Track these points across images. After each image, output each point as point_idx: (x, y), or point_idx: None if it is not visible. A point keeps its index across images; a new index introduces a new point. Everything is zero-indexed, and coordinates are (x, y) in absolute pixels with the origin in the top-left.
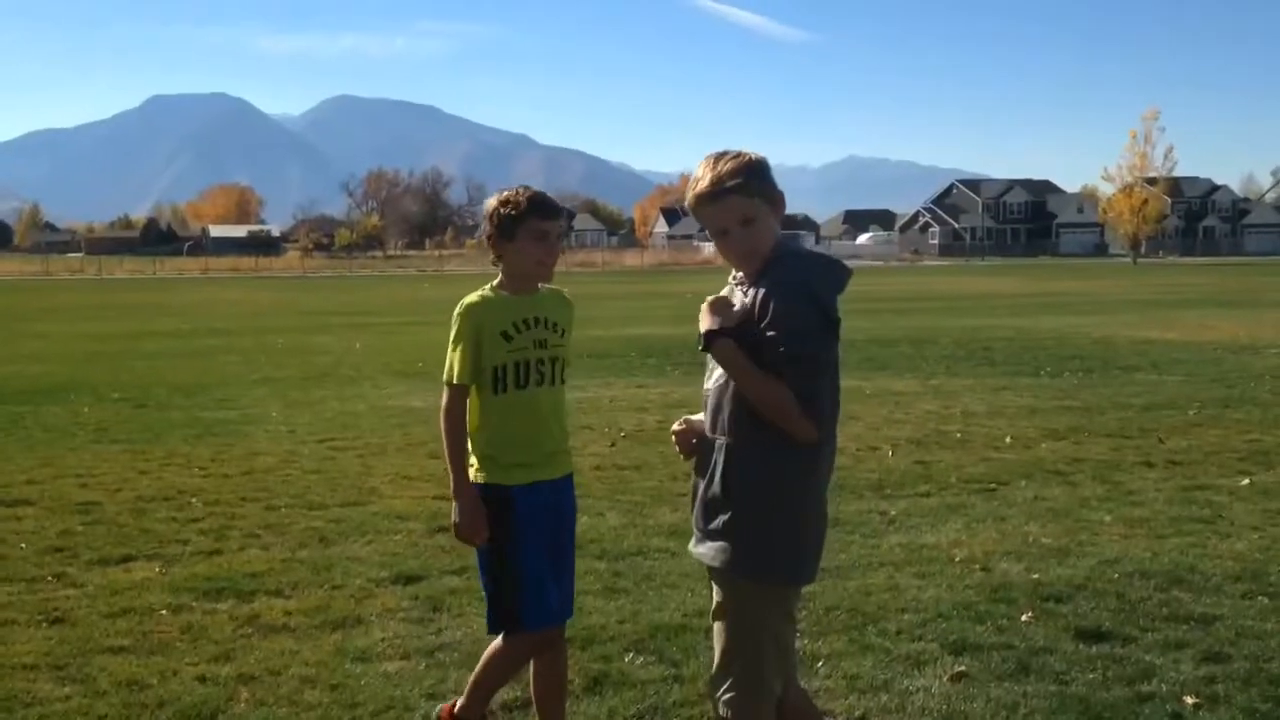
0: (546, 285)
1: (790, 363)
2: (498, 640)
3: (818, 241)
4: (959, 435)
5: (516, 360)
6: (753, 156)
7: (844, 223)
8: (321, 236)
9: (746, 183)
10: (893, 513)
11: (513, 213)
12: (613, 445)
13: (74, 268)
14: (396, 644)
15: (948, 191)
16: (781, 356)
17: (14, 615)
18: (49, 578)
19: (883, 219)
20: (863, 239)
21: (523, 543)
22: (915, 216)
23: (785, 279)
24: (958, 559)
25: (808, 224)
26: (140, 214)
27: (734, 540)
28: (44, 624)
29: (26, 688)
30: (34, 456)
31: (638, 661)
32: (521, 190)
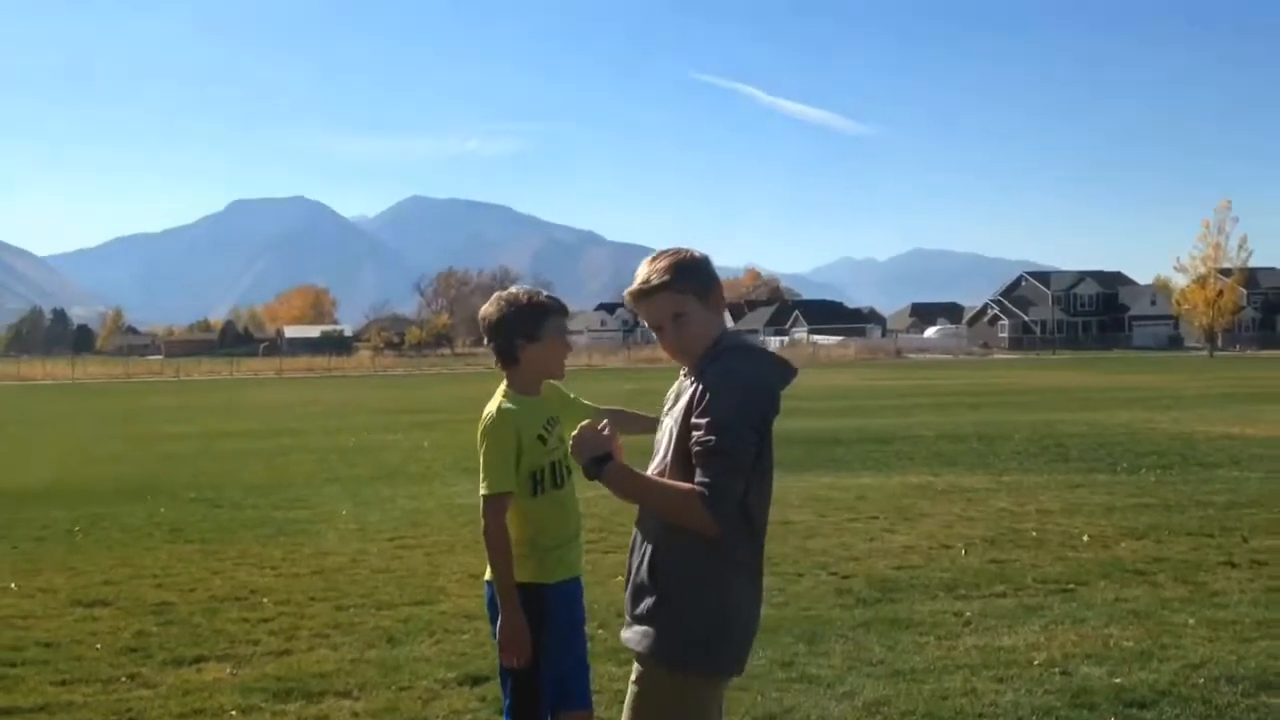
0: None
1: (707, 454)
2: None
3: (884, 334)
4: (1034, 534)
5: (551, 461)
6: (686, 254)
7: (911, 315)
8: (393, 335)
9: (674, 280)
10: (968, 614)
11: (530, 315)
12: None
13: (153, 370)
14: None
15: (1016, 283)
16: (700, 448)
17: (90, 716)
18: (123, 678)
19: (950, 312)
20: (930, 332)
21: (551, 639)
22: (984, 309)
23: (720, 372)
24: (1036, 662)
25: (874, 317)
26: (219, 316)
27: (656, 626)
28: None
29: None
30: (112, 557)
31: None
32: (528, 291)
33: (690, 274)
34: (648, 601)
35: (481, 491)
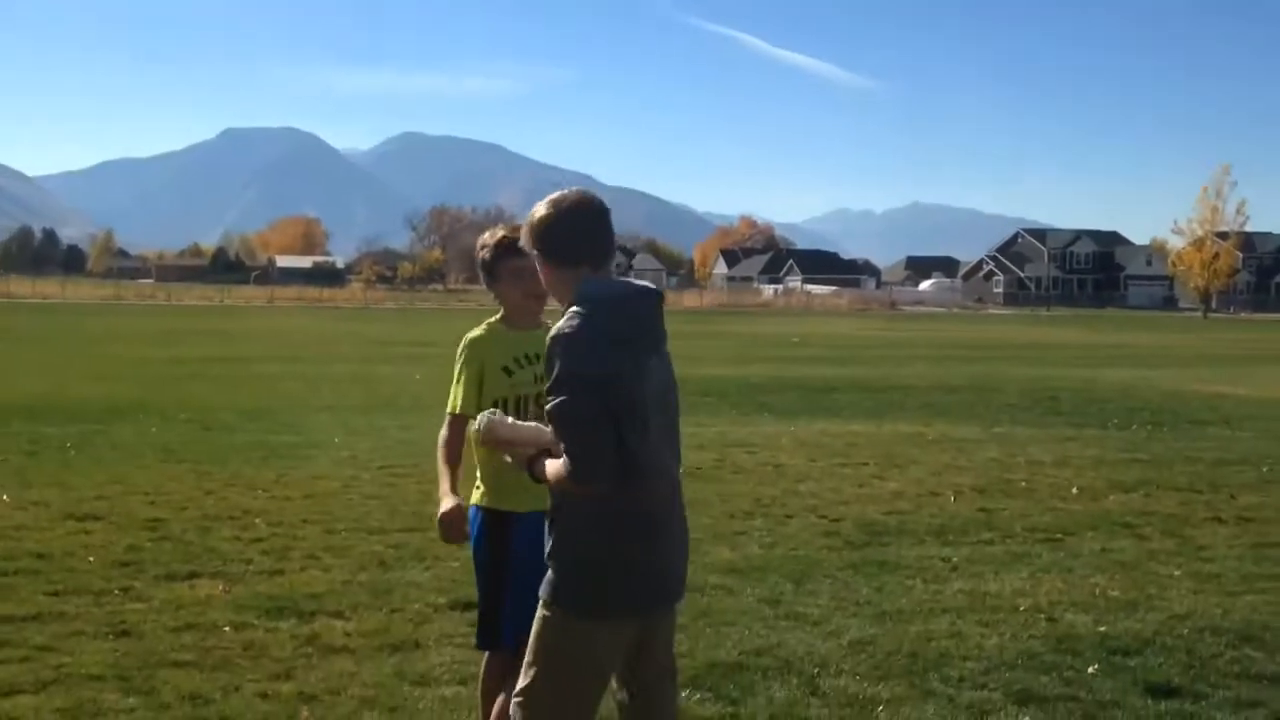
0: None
1: (551, 420)
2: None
3: (878, 286)
4: (1024, 484)
5: (517, 395)
6: (533, 216)
7: (906, 269)
8: (384, 269)
9: (531, 243)
10: (955, 559)
11: (487, 256)
12: None
13: (145, 293)
14: (454, 669)
15: (1013, 240)
16: (547, 415)
17: (82, 627)
18: (116, 591)
19: (946, 266)
20: (925, 285)
21: (517, 563)
22: (979, 264)
23: (553, 332)
24: (1022, 608)
25: (869, 269)
26: (210, 243)
27: (550, 570)
28: (111, 636)
29: (93, 697)
30: (104, 473)
31: (694, 698)
32: (495, 231)
33: (535, 235)
34: (547, 547)
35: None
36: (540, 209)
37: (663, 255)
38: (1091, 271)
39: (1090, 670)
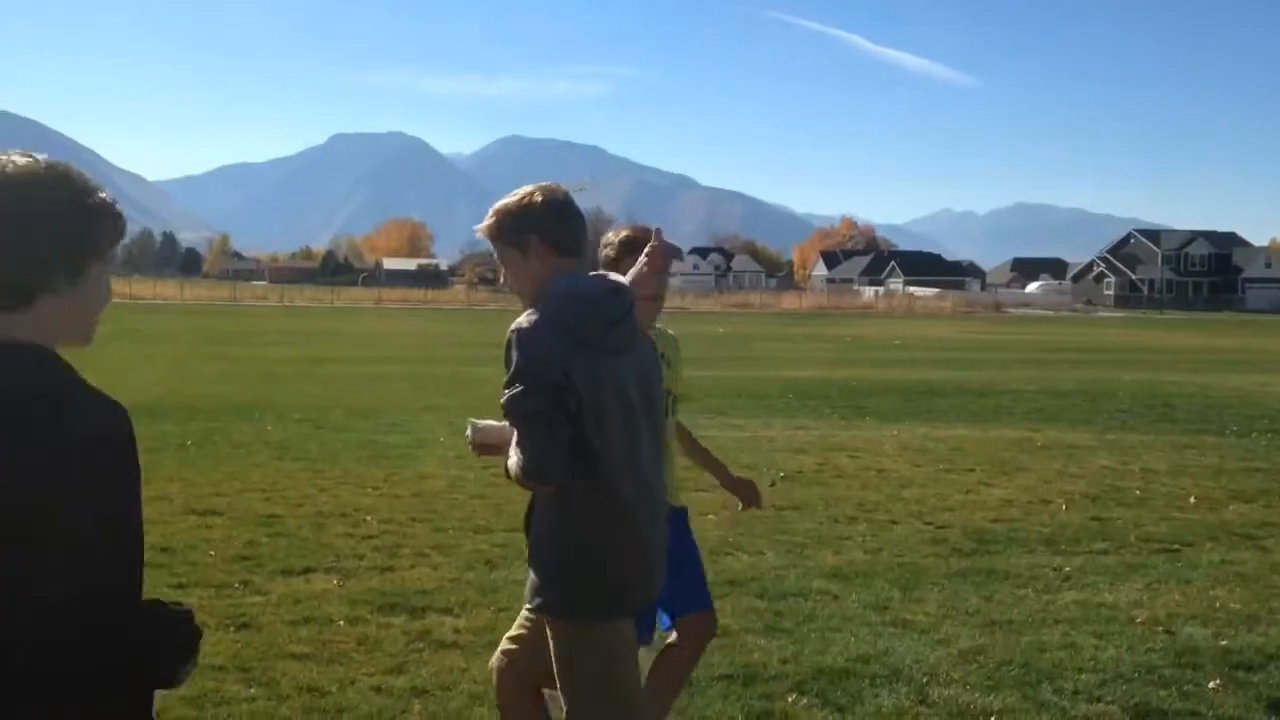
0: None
1: (504, 414)
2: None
3: (983, 288)
4: (1138, 493)
5: None
6: (510, 199)
7: (1012, 270)
8: (486, 271)
9: (495, 225)
10: (1067, 569)
11: (610, 254)
12: (771, 485)
13: (258, 295)
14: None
15: (1124, 241)
16: (501, 409)
17: (205, 619)
18: (236, 584)
19: (1053, 267)
20: (1032, 287)
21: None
22: (1089, 266)
23: (514, 325)
24: (1139, 620)
25: (973, 270)
26: (320, 245)
27: (532, 574)
28: (232, 628)
29: (216, 687)
30: (222, 470)
31: (801, 703)
32: (619, 230)
33: (508, 219)
34: (529, 553)
35: None
36: (537, 194)
37: (761, 257)
38: (1207, 274)
39: (1211, 685)
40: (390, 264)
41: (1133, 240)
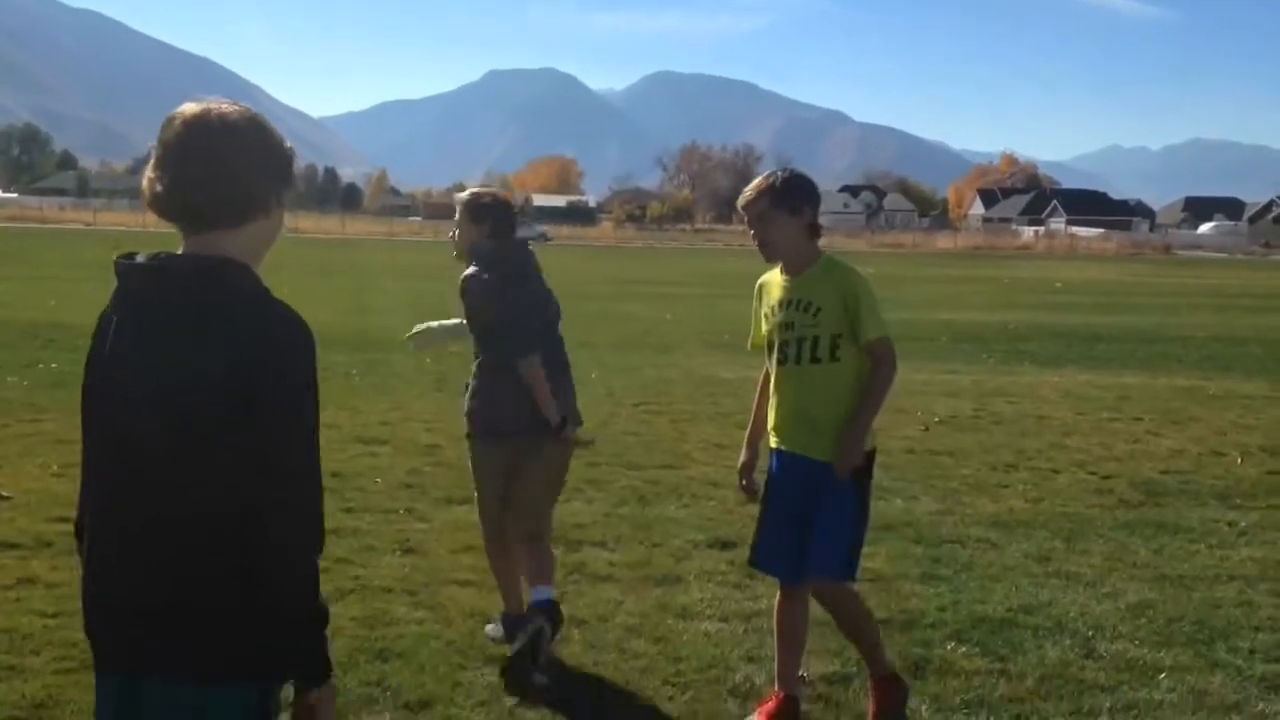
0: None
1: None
2: (839, 599)
3: (1152, 229)
4: None
5: (770, 340)
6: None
7: (1184, 210)
8: (634, 208)
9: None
10: (1243, 524)
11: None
12: (925, 429)
13: (414, 230)
14: (716, 605)
15: None
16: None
17: (374, 543)
18: (402, 511)
19: (1228, 208)
20: (1205, 228)
21: (774, 495)
22: (1269, 206)
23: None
24: None
25: (1142, 210)
26: (473, 181)
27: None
28: (399, 553)
29: (385, 609)
30: (387, 400)
31: (960, 651)
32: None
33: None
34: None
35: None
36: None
37: (914, 195)
38: None
39: None
40: (540, 200)
41: None
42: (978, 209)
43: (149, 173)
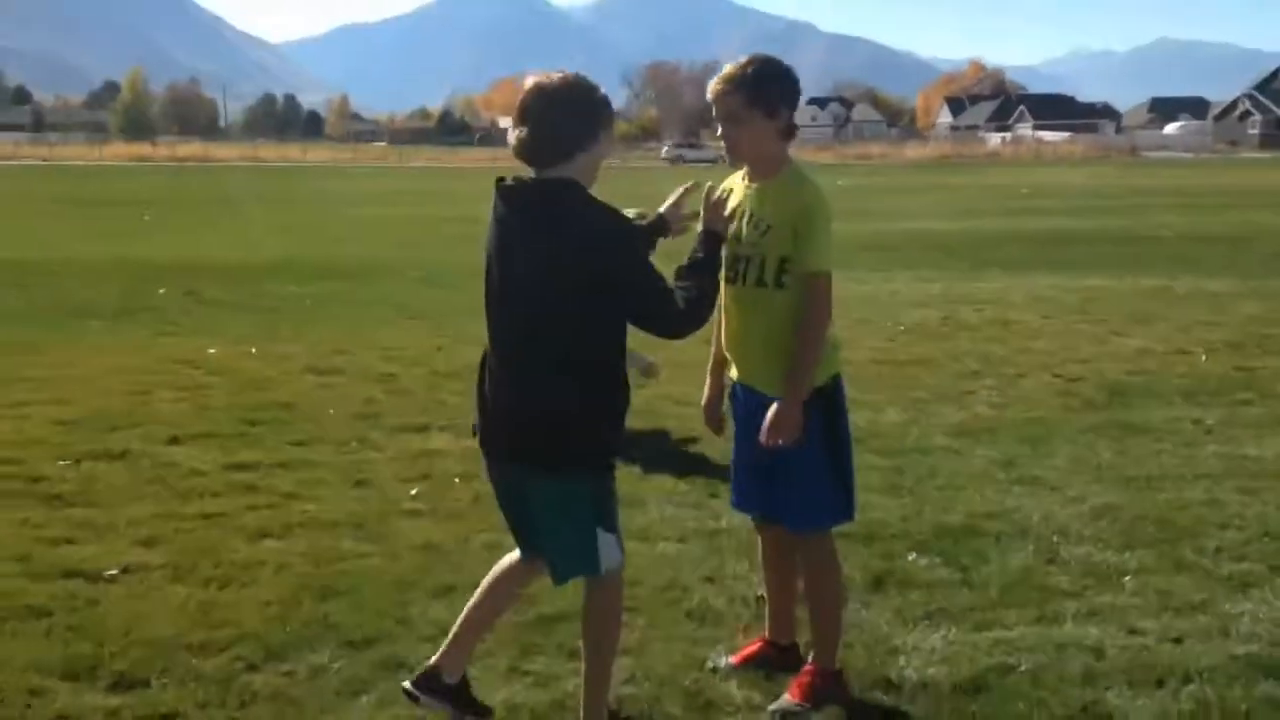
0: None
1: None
2: (815, 563)
3: (1118, 132)
4: None
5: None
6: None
7: (1149, 111)
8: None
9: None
10: (1209, 421)
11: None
12: (892, 340)
13: (378, 155)
14: (674, 525)
15: (1274, 76)
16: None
17: (324, 475)
18: (354, 441)
19: (1194, 107)
20: (1170, 128)
21: (739, 431)
22: (1234, 104)
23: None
24: None
25: (1108, 113)
26: (436, 105)
27: None
28: (350, 485)
29: (332, 545)
30: (342, 329)
31: (922, 562)
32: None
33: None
34: None
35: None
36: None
37: (883, 105)
38: None
39: None
40: (506, 122)
41: None
42: (945, 117)
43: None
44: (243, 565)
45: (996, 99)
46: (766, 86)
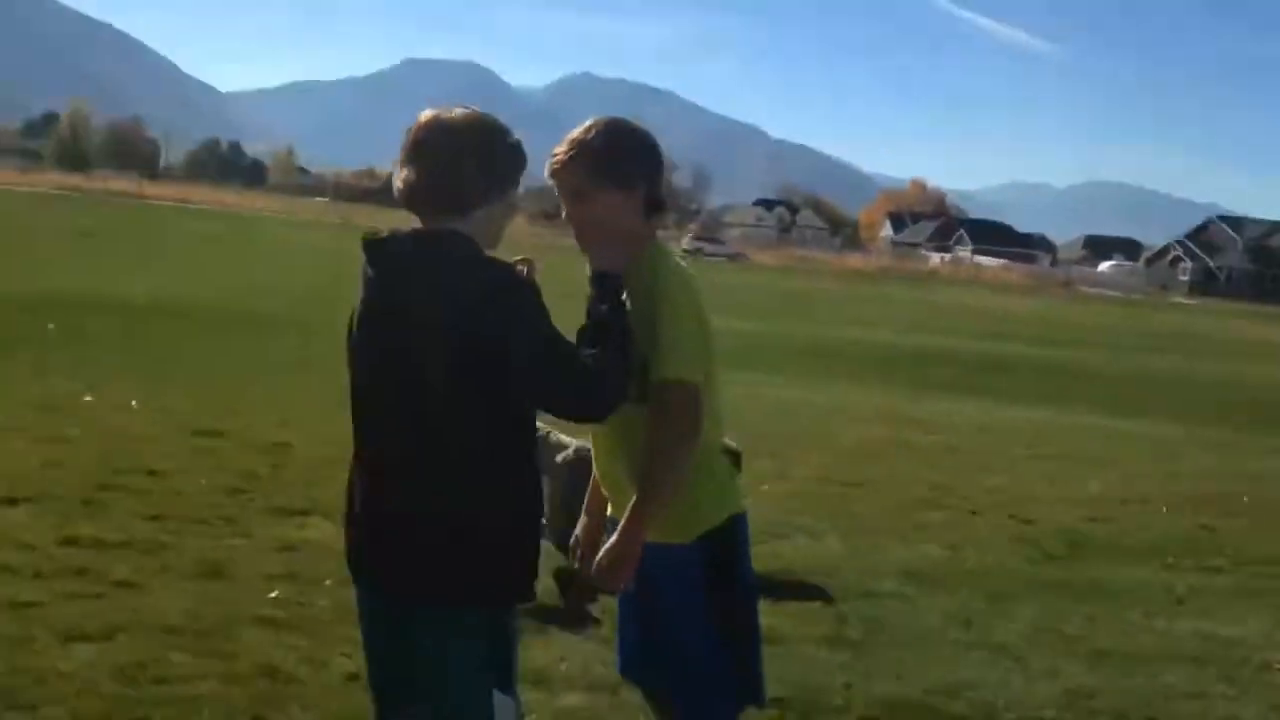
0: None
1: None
2: None
3: (1054, 264)
4: (1246, 500)
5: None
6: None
7: (1084, 248)
8: (549, 207)
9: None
10: (1179, 589)
11: None
12: (834, 458)
13: (318, 210)
14: (582, 668)
15: (1204, 227)
16: None
17: (172, 561)
18: (219, 521)
19: (1127, 248)
20: (1104, 266)
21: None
22: (1165, 249)
23: None
24: (1276, 666)
25: (1044, 244)
26: (384, 167)
27: None
28: (199, 576)
29: (160, 655)
30: (240, 385)
31: None
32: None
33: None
34: None
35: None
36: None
37: (827, 213)
38: None
39: None
40: None
41: (1212, 226)
42: (887, 231)
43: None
44: (39, 677)
45: (937, 219)
46: (618, 150)
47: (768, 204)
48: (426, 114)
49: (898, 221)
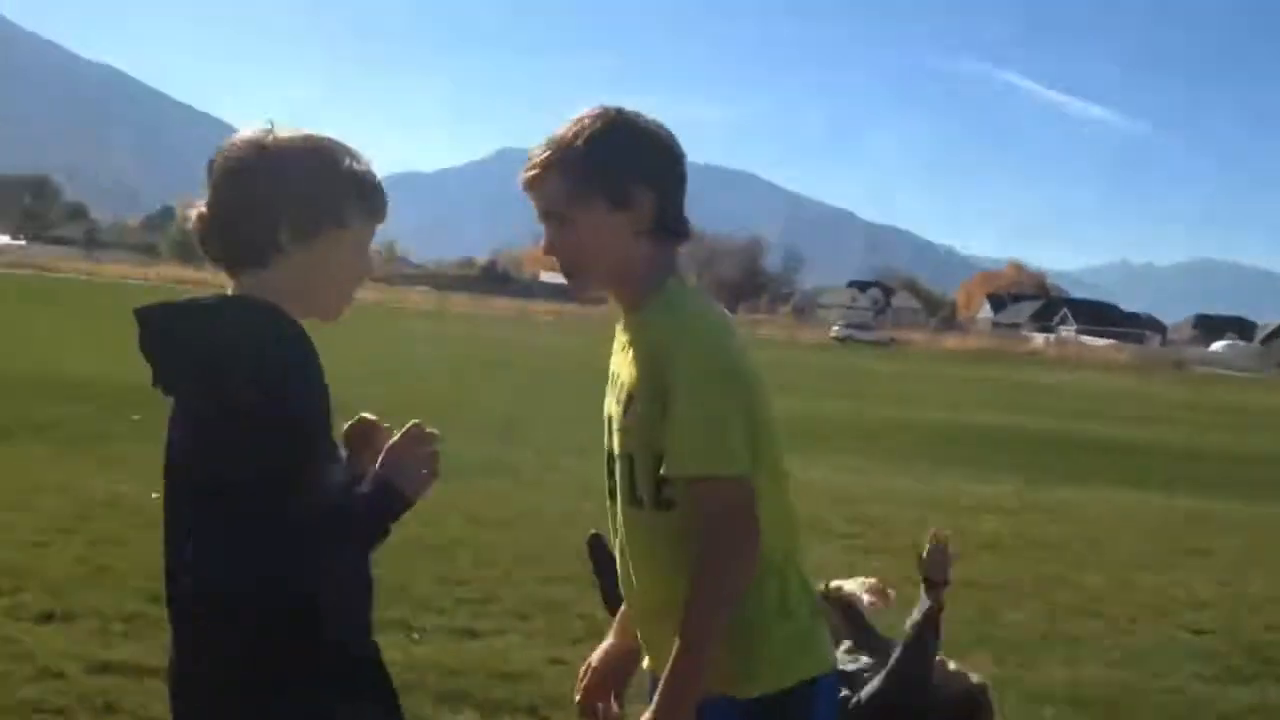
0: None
1: None
2: None
3: (1163, 344)
4: None
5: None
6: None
7: (1194, 327)
8: None
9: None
10: None
11: None
12: (964, 557)
13: (418, 300)
14: None
15: None
16: None
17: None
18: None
19: (1240, 327)
20: (1217, 345)
21: None
22: None
23: None
24: None
25: (1153, 324)
26: (481, 256)
27: None
28: None
29: None
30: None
31: None
32: None
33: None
34: None
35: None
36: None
37: (922, 294)
38: None
39: None
40: (547, 276)
41: None
42: (986, 312)
43: None
44: None
45: (1039, 299)
46: (605, 152)
47: (862, 285)
48: (243, 134)
49: (997, 302)
